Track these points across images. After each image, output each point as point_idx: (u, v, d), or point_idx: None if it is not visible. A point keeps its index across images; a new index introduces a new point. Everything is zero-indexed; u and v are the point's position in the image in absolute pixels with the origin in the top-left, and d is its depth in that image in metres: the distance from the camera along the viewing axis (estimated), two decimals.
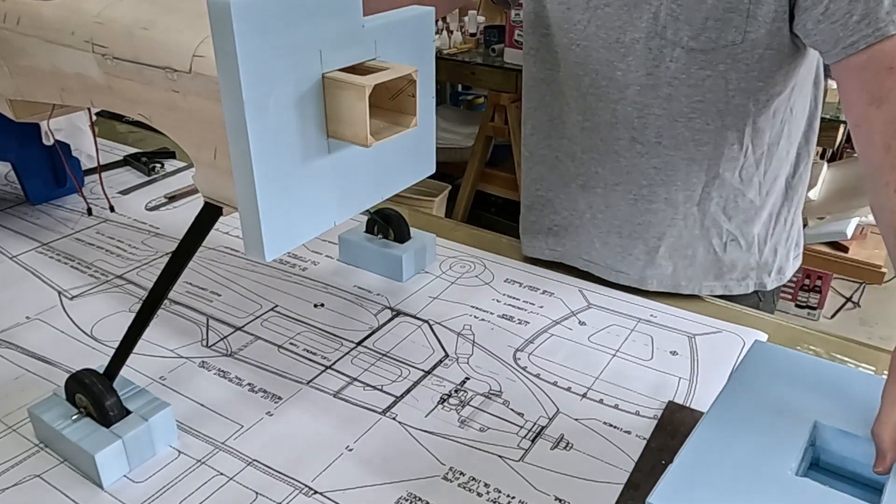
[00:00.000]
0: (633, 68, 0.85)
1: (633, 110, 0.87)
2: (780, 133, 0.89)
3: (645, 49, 0.83)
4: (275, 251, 0.59)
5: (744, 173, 0.90)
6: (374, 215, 0.98)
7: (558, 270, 1.00)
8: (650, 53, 0.83)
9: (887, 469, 0.56)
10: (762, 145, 0.88)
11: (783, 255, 1.00)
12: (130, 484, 0.65)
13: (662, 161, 0.88)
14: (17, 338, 0.84)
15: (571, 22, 0.88)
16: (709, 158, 0.88)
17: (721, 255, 0.95)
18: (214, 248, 1.03)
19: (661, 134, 0.87)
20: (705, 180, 0.89)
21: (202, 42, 0.59)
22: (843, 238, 2.00)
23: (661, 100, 0.85)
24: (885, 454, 0.56)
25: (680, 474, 0.53)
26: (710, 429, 0.58)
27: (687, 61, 0.82)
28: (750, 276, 0.98)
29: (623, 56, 0.85)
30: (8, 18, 0.76)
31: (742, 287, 0.98)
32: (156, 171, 1.30)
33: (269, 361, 0.80)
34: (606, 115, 0.89)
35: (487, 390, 0.76)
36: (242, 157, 0.54)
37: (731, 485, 0.52)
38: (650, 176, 0.90)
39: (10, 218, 1.12)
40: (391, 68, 0.59)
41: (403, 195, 0.88)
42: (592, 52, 0.87)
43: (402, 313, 0.89)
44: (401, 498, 0.63)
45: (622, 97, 0.87)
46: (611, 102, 0.88)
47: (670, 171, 0.89)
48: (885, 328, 2.63)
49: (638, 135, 0.88)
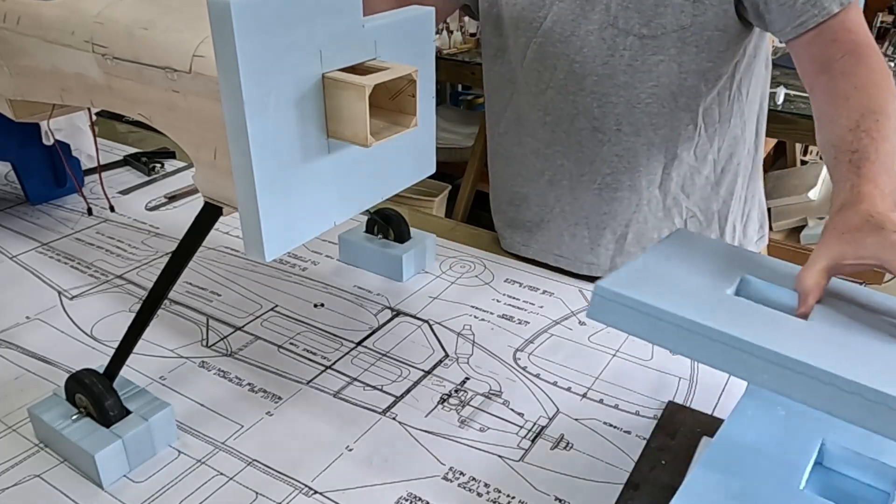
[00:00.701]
0: (589, 59, 0.88)
1: (592, 100, 0.90)
2: (730, 111, 0.92)
3: (599, 40, 0.86)
4: (275, 251, 0.59)
5: (698, 151, 0.93)
6: (374, 215, 0.98)
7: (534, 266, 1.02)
8: (604, 44, 0.86)
9: (808, 310, 0.57)
10: (713, 123, 0.92)
11: (741, 231, 1.04)
12: (130, 484, 0.65)
13: (623, 148, 0.91)
14: (17, 338, 0.84)
15: (527, 21, 0.91)
16: (666, 141, 0.91)
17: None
18: (214, 248, 1.03)
19: (621, 121, 0.90)
20: (664, 162, 0.93)
21: (202, 42, 0.59)
22: None
23: (619, 87, 0.88)
24: (807, 296, 0.57)
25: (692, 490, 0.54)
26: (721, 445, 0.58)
27: (640, 48, 0.85)
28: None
29: (579, 48, 0.88)
30: (8, 18, 0.76)
31: None
32: (156, 171, 1.30)
33: (269, 361, 0.80)
34: (567, 108, 0.92)
35: (487, 390, 0.76)
36: (242, 157, 0.54)
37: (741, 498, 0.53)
38: (613, 164, 0.92)
39: (10, 218, 1.12)
40: (391, 68, 0.59)
41: (403, 195, 0.88)
42: (549, 47, 0.90)
43: (402, 313, 0.89)
44: (401, 498, 0.63)
45: (580, 88, 0.90)
46: (570, 94, 0.91)
47: (632, 158, 0.92)
48: None
49: (599, 124, 0.91)
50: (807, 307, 0.57)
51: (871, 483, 0.57)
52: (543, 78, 0.92)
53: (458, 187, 2.85)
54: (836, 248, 0.59)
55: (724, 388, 0.77)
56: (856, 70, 0.78)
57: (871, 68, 0.77)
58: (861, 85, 0.76)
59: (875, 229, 0.58)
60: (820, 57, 0.80)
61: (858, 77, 0.77)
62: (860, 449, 0.57)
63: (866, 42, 0.79)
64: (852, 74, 0.78)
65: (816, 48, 0.80)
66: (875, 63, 0.78)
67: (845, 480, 0.59)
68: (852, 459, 0.58)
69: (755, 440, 0.58)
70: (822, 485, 0.59)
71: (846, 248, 0.59)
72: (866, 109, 0.73)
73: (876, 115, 0.73)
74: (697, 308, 0.54)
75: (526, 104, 0.96)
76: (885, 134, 0.71)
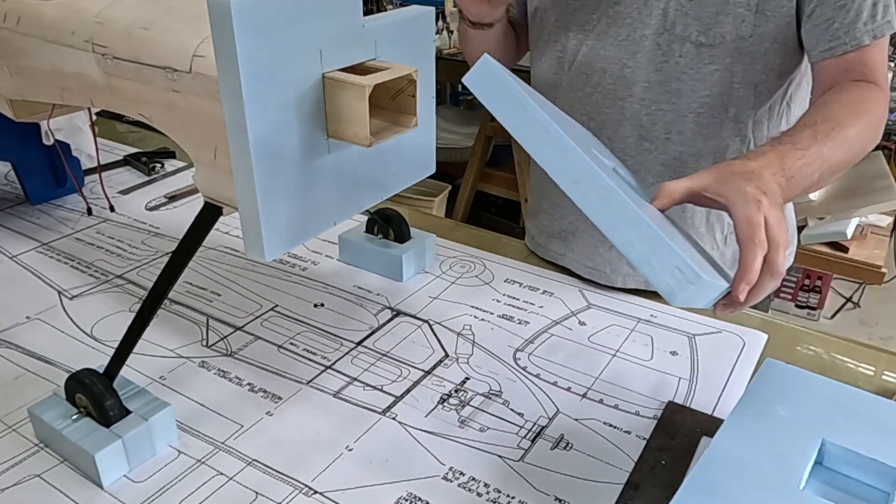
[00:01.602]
0: (641, 65, 0.86)
1: (641, 107, 0.88)
2: (777, 125, 0.91)
3: (654, 45, 0.84)
4: (275, 251, 0.59)
5: None
6: (374, 215, 0.98)
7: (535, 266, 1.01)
8: (659, 49, 0.84)
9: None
10: (762, 137, 0.90)
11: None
12: (130, 484, 0.65)
13: (670, 157, 0.89)
14: (17, 338, 0.84)
15: (580, 22, 0.88)
16: (714, 152, 0.88)
17: (723, 248, 0.96)
18: (214, 248, 1.03)
19: (670, 129, 0.88)
20: None
21: (202, 42, 0.59)
22: (843, 238, 2.00)
23: (670, 94, 0.86)
24: (661, 197, 0.63)
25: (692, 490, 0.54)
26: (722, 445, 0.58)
27: (695, 56, 0.83)
28: None
29: (633, 53, 0.86)
30: (8, 18, 0.76)
31: None
32: (156, 170, 1.30)
33: (269, 361, 0.80)
34: (613, 114, 0.90)
35: (487, 390, 0.76)
36: (242, 157, 0.54)
37: (741, 499, 0.53)
38: (658, 173, 0.90)
39: (10, 218, 1.12)
40: (391, 68, 0.59)
41: (403, 195, 0.88)
42: (601, 50, 0.88)
43: (402, 313, 0.89)
44: (401, 498, 0.63)
45: (629, 94, 0.88)
46: (618, 100, 0.89)
47: (678, 167, 0.89)
48: (885, 328, 2.63)
49: (645, 132, 0.88)
50: (657, 203, 0.63)
51: (871, 483, 0.57)
52: (591, 81, 0.90)
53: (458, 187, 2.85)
54: (706, 179, 0.63)
55: (724, 388, 0.77)
56: (852, 91, 0.79)
57: (865, 97, 0.78)
58: (846, 102, 0.77)
59: (745, 179, 0.61)
60: (832, 81, 0.81)
61: (850, 96, 0.78)
62: (860, 449, 0.57)
63: (877, 79, 0.80)
64: (846, 91, 0.78)
65: (834, 73, 0.81)
66: (873, 96, 0.78)
67: (845, 480, 0.59)
68: (852, 459, 0.58)
69: (755, 440, 0.58)
70: (822, 485, 0.59)
71: (713, 183, 0.62)
72: (833, 119, 0.74)
73: (838, 126, 0.73)
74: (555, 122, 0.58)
75: (569, 108, 0.93)
76: (832, 142, 0.72)
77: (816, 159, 0.70)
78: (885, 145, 2.54)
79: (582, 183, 0.56)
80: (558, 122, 0.59)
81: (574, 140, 0.58)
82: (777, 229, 0.59)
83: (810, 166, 0.70)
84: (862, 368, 0.81)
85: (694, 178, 0.64)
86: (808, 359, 0.83)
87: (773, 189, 0.63)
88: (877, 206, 1.97)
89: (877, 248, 2.06)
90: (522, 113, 0.57)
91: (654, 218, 0.58)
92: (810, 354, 0.83)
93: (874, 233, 2.10)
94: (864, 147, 0.79)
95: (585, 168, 0.56)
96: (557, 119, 0.61)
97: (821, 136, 0.72)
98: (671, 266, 0.54)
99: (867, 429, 0.59)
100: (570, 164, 0.57)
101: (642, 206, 0.57)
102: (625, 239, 0.55)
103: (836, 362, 0.82)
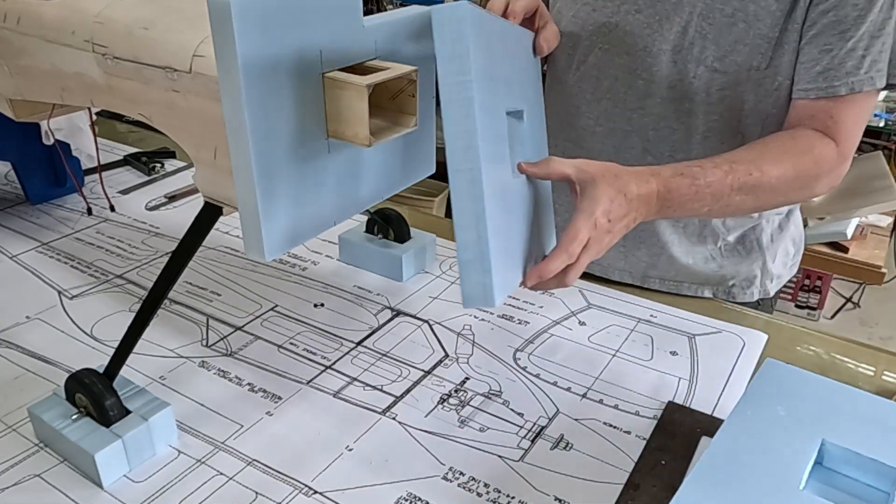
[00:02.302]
0: (655, 79, 0.85)
1: (650, 121, 0.87)
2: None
3: (670, 62, 0.83)
4: (275, 251, 0.59)
5: None
6: (374, 215, 0.98)
7: None
8: (674, 67, 0.83)
9: (527, 171, 0.65)
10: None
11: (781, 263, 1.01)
12: (130, 483, 0.65)
13: None
14: (17, 337, 0.84)
15: (597, 24, 0.87)
16: None
17: (720, 260, 0.96)
18: (214, 248, 1.03)
19: (676, 148, 0.87)
20: None
21: (202, 42, 0.59)
22: (843, 238, 2.00)
23: (681, 114, 0.85)
24: (541, 166, 0.66)
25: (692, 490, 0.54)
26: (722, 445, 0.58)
27: (709, 79, 0.82)
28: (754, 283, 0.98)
29: (648, 66, 0.85)
30: (8, 18, 0.76)
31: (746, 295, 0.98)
32: (156, 170, 1.30)
33: (269, 361, 0.80)
34: (621, 123, 0.89)
35: (487, 390, 0.76)
36: (242, 157, 0.54)
37: (741, 498, 0.53)
38: None
39: (10, 218, 1.12)
40: (391, 68, 0.59)
41: (403, 195, 0.88)
42: (615, 57, 0.87)
43: (402, 313, 0.89)
44: (401, 498, 0.63)
45: (639, 107, 0.87)
46: (627, 110, 0.88)
47: None
48: (885, 328, 2.63)
49: (651, 146, 0.88)
50: (534, 167, 0.65)
51: (871, 483, 0.57)
52: (602, 86, 0.89)
53: None
54: (586, 175, 0.65)
55: (724, 388, 0.77)
56: (799, 140, 0.76)
57: (809, 149, 0.76)
58: (785, 150, 0.75)
59: (609, 197, 0.64)
60: (796, 122, 0.79)
61: (795, 144, 0.76)
62: (860, 449, 0.57)
63: (838, 136, 0.77)
64: (792, 139, 0.76)
65: (801, 115, 0.79)
66: (821, 152, 0.76)
67: (845, 480, 0.59)
68: (852, 459, 0.58)
69: (755, 440, 0.58)
70: (822, 485, 0.59)
71: (587, 183, 0.64)
72: (757, 164, 0.72)
73: (757, 173, 0.72)
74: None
75: (575, 108, 0.93)
76: (743, 188, 0.71)
77: (710, 199, 0.71)
78: (885, 145, 2.54)
79: (462, 173, 0.57)
80: (495, 86, 0.60)
81: (494, 115, 0.59)
82: (589, 254, 0.64)
83: (699, 202, 0.70)
84: (862, 368, 0.81)
85: (579, 168, 0.65)
86: (808, 359, 0.83)
87: (626, 221, 0.66)
88: (877, 206, 1.97)
89: (877, 248, 2.06)
90: (462, 82, 0.56)
91: (509, 210, 0.62)
92: (810, 354, 0.83)
93: (874, 233, 2.10)
94: (787, 198, 0.78)
95: (474, 162, 0.56)
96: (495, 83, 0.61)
97: (731, 177, 0.71)
98: (480, 284, 0.58)
99: (867, 429, 0.59)
100: (465, 151, 0.56)
101: (497, 212, 0.59)
102: (463, 240, 0.57)
103: (836, 362, 0.82)
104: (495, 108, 0.61)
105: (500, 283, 0.59)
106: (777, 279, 1.01)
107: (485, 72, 0.58)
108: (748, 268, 0.97)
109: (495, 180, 0.59)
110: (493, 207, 0.57)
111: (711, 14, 0.79)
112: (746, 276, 0.97)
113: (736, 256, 0.96)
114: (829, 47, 0.76)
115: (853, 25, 0.75)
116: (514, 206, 0.64)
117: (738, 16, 0.79)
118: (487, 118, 0.58)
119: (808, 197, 0.82)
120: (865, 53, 0.75)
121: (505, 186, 0.62)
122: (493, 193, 0.58)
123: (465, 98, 0.55)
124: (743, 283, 0.98)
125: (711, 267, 0.96)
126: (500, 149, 0.62)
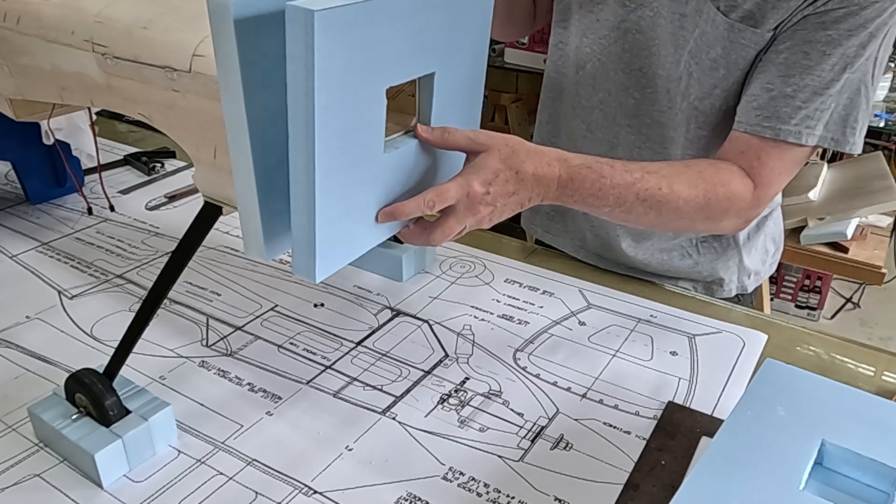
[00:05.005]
0: (646, 101, 0.86)
1: (636, 139, 0.89)
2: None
3: (663, 89, 0.84)
4: (274, 251, 0.59)
5: None
6: None
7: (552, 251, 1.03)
8: (667, 95, 0.84)
9: (424, 134, 0.64)
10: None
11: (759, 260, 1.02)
12: (130, 483, 0.65)
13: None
14: (17, 337, 0.84)
15: (598, 35, 0.87)
16: None
17: (696, 257, 0.98)
18: (214, 248, 1.03)
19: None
20: None
21: (202, 41, 0.59)
22: (843, 238, 2.00)
23: (664, 140, 0.87)
24: (438, 133, 0.64)
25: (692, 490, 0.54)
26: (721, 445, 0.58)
27: (689, 117, 0.84)
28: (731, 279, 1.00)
29: (642, 86, 0.86)
30: (8, 17, 0.76)
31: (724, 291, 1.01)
32: (156, 170, 1.29)
33: (269, 361, 0.80)
34: (608, 136, 0.91)
35: (487, 390, 0.76)
36: (242, 156, 0.54)
37: (741, 499, 0.53)
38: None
39: (10, 217, 1.12)
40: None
41: None
42: (611, 72, 0.88)
43: (402, 313, 0.89)
44: (401, 498, 0.63)
45: (628, 124, 0.88)
46: (615, 126, 0.90)
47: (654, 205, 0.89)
48: (885, 328, 2.63)
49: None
50: (428, 133, 0.64)
51: (871, 483, 0.57)
52: (597, 96, 0.90)
53: None
54: (479, 147, 0.65)
55: (724, 388, 0.77)
56: (721, 172, 0.76)
57: (725, 185, 0.75)
58: (704, 178, 0.75)
59: (500, 176, 0.64)
60: (725, 154, 0.79)
61: (714, 174, 0.76)
62: (860, 449, 0.57)
63: (759, 179, 0.77)
64: (714, 169, 0.76)
65: (732, 148, 0.78)
66: (736, 189, 0.76)
67: (845, 481, 0.59)
68: (852, 459, 0.58)
69: (755, 440, 0.58)
70: (822, 485, 0.59)
71: (481, 157, 0.65)
72: (670, 183, 0.72)
73: (667, 190, 0.72)
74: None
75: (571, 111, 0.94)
76: (647, 199, 0.71)
77: (613, 201, 0.70)
78: (886, 145, 2.54)
79: (300, 165, 0.55)
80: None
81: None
82: (458, 220, 0.65)
83: (601, 200, 0.70)
84: (862, 369, 0.81)
85: (475, 141, 0.65)
86: (808, 359, 0.83)
87: (517, 198, 0.66)
88: (877, 206, 1.97)
89: (877, 248, 2.06)
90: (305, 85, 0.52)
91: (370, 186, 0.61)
92: (810, 355, 0.83)
93: (874, 233, 2.10)
94: (692, 224, 0.78)
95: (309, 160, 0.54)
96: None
97: (640, 186, 0.71)
98: (305, 262, 0.60)
99: (867, 429, 0.59)
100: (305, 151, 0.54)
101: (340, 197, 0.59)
102: (295, 222, 0.57)
103: (835, 363, 0.82)
104: (364, 95, 0.57)
105: (326, 264, 0.62)
106: (755, 276, 1.02)
107: (349, 64, 0.54)
108: (724, 264, 0.99)
109: (345, 166, 0.57)
110: (329, 198, 0.57)
111: (699, 54, 0.80)
112: (723, 272, 0.99)
113: (711, 252, 0.98)
114: (770, 86, 0.75)
115: (799, 73, 0.74)
116: (386, 177, 0.63)
117: (719, 62, 0.79)
118: (343, 112, 0.55)
119: (712, 230, 0.82)
120: (802, 106, 0.74)
121: (367, 164, 0.60)
122: (340, 182, 0.57)
123: (306, 103, 0.52)
124: (719, 279, 0.99)
125: (688, 263, 0.98)
126: (364, 134, 0.59)
